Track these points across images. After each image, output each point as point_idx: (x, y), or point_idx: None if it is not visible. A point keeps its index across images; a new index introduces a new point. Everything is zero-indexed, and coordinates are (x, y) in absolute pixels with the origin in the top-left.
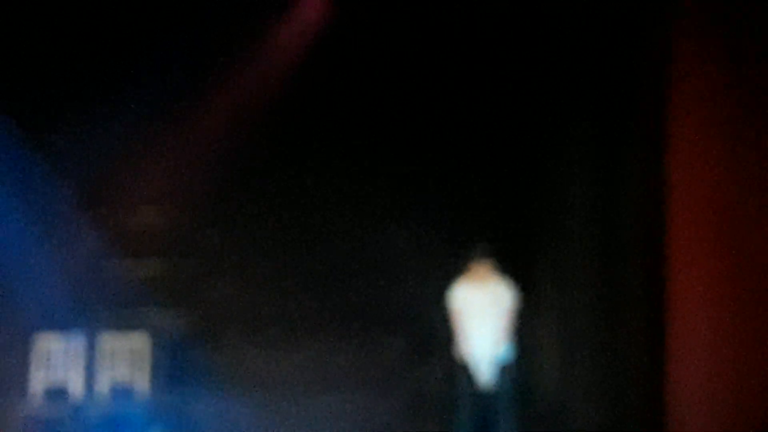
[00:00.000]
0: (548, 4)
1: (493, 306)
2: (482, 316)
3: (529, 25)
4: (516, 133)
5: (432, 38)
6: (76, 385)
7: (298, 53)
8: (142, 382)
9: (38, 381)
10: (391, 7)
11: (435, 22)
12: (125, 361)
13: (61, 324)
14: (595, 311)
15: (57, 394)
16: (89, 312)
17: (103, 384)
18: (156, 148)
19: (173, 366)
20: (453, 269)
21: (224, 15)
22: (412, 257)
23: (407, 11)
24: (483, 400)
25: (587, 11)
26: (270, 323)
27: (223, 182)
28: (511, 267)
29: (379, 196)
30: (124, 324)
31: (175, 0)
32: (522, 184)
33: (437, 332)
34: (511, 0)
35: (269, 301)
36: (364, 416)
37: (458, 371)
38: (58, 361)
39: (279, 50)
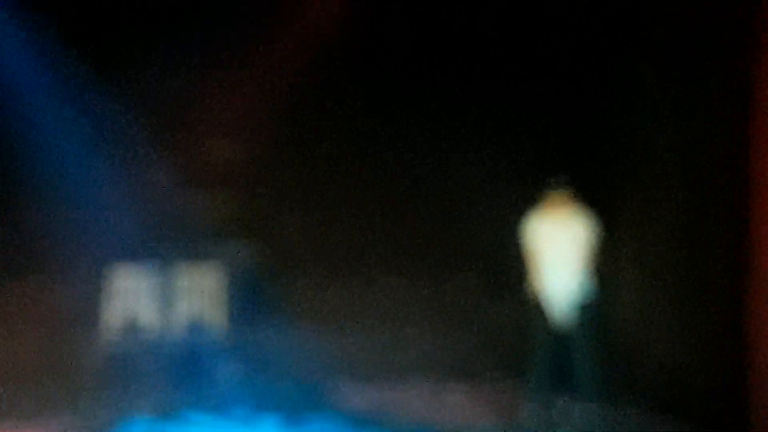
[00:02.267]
0: None
1: (571, 240)
2: (559, 250)
3: None
4: (598, 62)
5: None
6: (150, 319)
7: None
8: (216, 315)
9: (114, 314)
10: None
11: None
12: (199, 294)
13: (135, 257)
14: (677, 247)
15: (132, 327)
16: (163, 245)
17: (178, 317)
18: (231, 81)
19: (247, 300)
20: (530, 201)
21: None
22: (488, 189)
23: None
24: (559, 337)
25: None
26: (344, 258)
27: (298, 117)
28: (590, 199)
29: (454, 127)
30: (198, 257)
31: None
32: (602, 114)
33: (513, 266)
34: None
35: (343, 236)
36: (439, 352)
37: (534, 306)
38: (133, 295)
39: None
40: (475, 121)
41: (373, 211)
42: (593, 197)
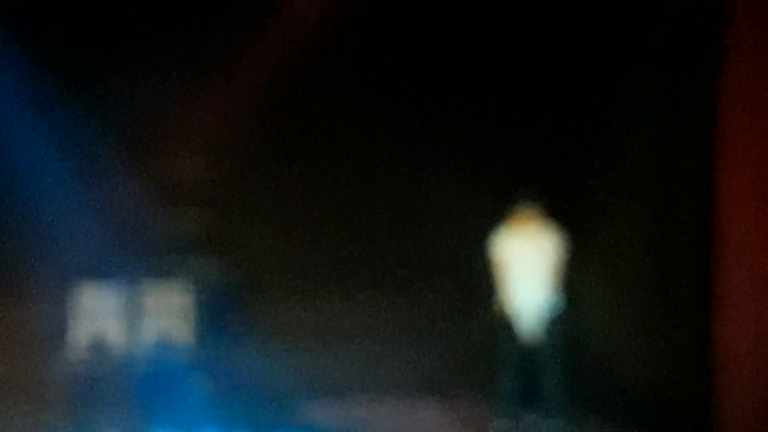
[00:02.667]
0: None
1: (539, 255)
2: (527, 266)
3: None
4: (564, 78)
5: None
6: (119, 338)
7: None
8: (185, 334)
9: (82, 333)
10: None
11: None
12: (166, 311)
13: (104, 276)
14: (644, 264)
15: (100, 346)
16: (132, 263)
17: (145, 335)
18: (199, 99)
19: (217, 318)
20: (499, 217)
21: None
22: (456, 206)
23: None
24: (528, 351)
25: None
26: (312, 274)
27: (269, 133)
28: (557, 215)
29: (422, 145)
30: (165, 275)
31: None
32: (570, 130)
33: (482, 282)
34: None
35: (311, 252)
36: (407, 367)
37: (503, 322)
38: (101, 314)
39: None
40: (444, 139)
41: (343, 229)
42: (561, 212)
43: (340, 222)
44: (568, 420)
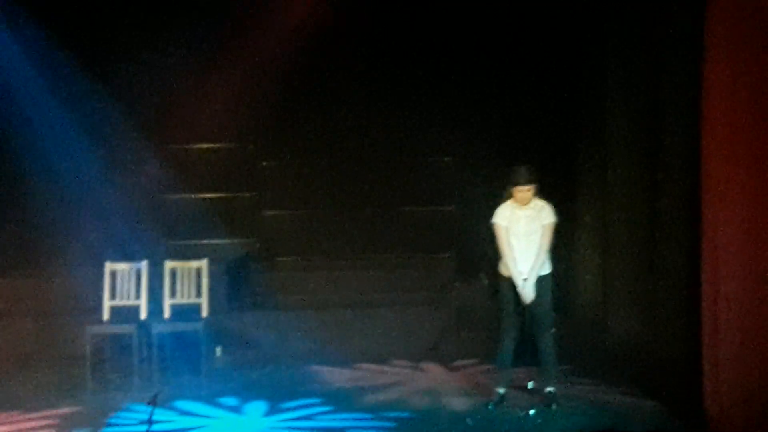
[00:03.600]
0: None
1: (536, 223)
2: (525, 233)
3: None
4: (560, 55)
5: None
6: (141, 311)
7: None
8: (205, 306)
9: (105, 306)
10: None
11: None
12: (187, 284)
13: (128, 252)
14: (636, 229)
15: (123, 319)
16: (152, 238)
17: (168, 309)
18: (214, 84)
19: (232, 288)
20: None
21: None
22: (459, 179)
23: None
24: (525, 313)
25: None
26: (323, 248)
27: (278, 117)
28: (555, 187)
29: (428, 120)
30: (187, 251)
31: None
32: (565, 106)
33: (483, 249)
34: None
35: (323, 226)
36: (414, 328)
37: (503, 286)
38: (123, 287)
39: None
40: (447, 116)
41: (349, 200)
42: (557, 183)
43: (349, 198)
44: (562, 380)
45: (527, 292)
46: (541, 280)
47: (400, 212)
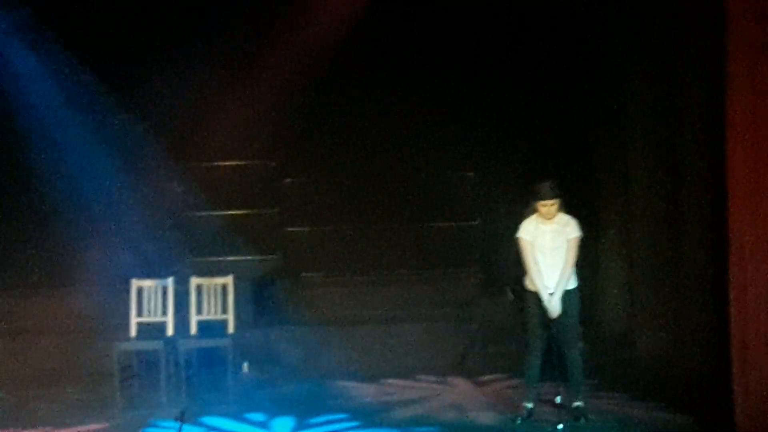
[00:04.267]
0: None
1: (561, 238)
2: (551, 248)
3: None
4: (581, 70)
5: None
6: (168, 327)
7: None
8: (232, 322)
9: (133, 323)
10: None
11: None
12: (213, 300)
13: (155, 269)
14: (660, 242)
15: (151, 335)
16: (180, 256)
17: (195, 325)
18: (237, 102)
19: (258, 304)
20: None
21: None
22: (483, 194)
23: None
24: (552, 327)
25: None
26: (348, 263)
27: (301, 134)
28: (579, 201)
29: (451, 135)
30: (212, 267)
31: None
32: (587, 120)
33: (509, 264)
34: None
35: (347, 243)
36: (440, 343)
37: (529, 300)
38: (151, 303)
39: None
40: (468, 132)
41: (373, 216)
42: (580, 197)
43: (374, 215)
44: (588, 394)
45: (554, 307)
46: (567, 295)
47: (424, 227)
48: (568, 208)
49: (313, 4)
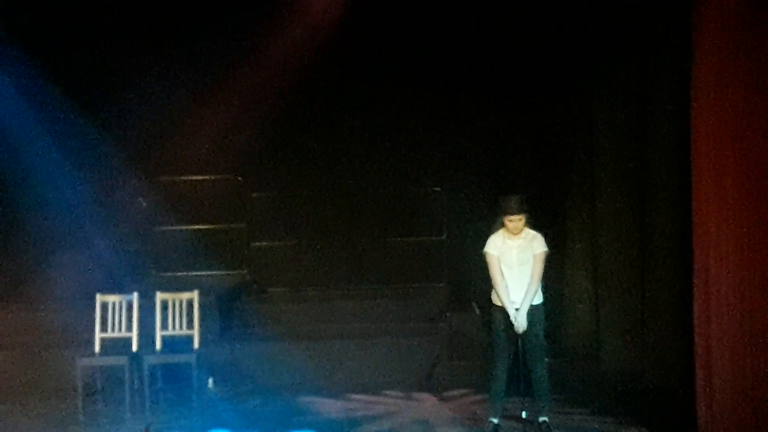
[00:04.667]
0: None
1: (528, 253)
2: (518, 263)
3: None
4: (548, 86)
5: None
6: (133, 339)
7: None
8: (197, 337)
9: (97, 336)
10: None
11: None
12: (178, 316)
13: (119, 284)
14: (627, 259)
15: (115, 350)
16: (144, 267)
17: (159, 339)
18: (204, 117)
19: (223, 319)
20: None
21: None
22: (450, 209)
23: None
24: (518, 341)
25: None
26: (315, 278)
27: (268, 149)
28: (545, 215)
29: (417, 151)
30: (178, 282)
31: None
32: (553, 136)
33: (474, 281)
34: None
35: (315, 256)
36: (406, 358)
37: (495, 315)
38: (116, 317)
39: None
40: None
41: (340, 231)
42: (547, 211)
43: (339, 229)
44: (554, 410)
45: (520, 322)
46: (533, 310)
47: (391, 242)
48: (534, 222)
49: (282, 21)
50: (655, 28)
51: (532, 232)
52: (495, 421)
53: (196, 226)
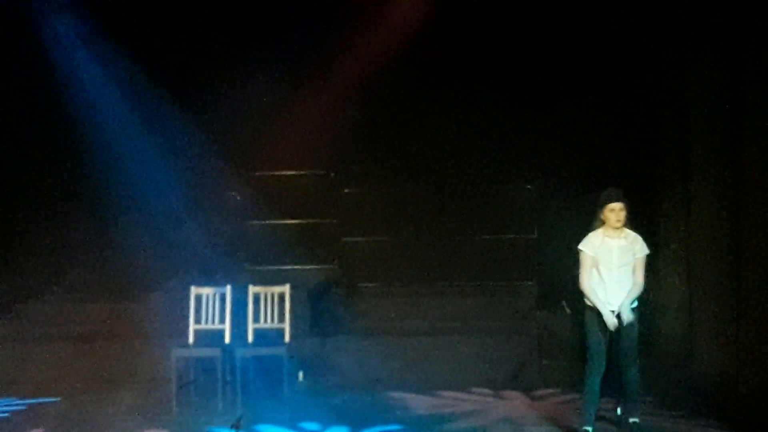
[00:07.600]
0: None
1: (629, 255)
2: (618, 264)
3: None
4: (642, 83)
5: None
6: (226, 331)
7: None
8: (289, 331)
9: (190, 330)
10: None
11: None
12: (270, 309)
13: (213, 277)
14: (722, 261)
15: (207, 343)
16: (238, 265)
17: (252, 334)
18: (298, 112)
19: (314, 313)
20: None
21: None
22: (541, 207)
23: None
24: (612, 342)
25: None
26: (405, 275)
27: (360, 145)
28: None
29: (509, 148)
30: (269, 276)
31: None
32: (647, 133)
33: (566, 281)
34: None
35: (404, 255)
36: (495, 356)
37: (588, 317)
38: (210, 310)
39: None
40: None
41: (431, 227)
42: (641, 211)
43: (429, 224)
44: (645, 412)
45: (615, 323)
46: (629, 310)
47: (481, 240)
48: (632, 219)
49: (375, 17)
50: (753, 22)
51: (633, 234)
52: (589, 429)
53: (289, 221)
